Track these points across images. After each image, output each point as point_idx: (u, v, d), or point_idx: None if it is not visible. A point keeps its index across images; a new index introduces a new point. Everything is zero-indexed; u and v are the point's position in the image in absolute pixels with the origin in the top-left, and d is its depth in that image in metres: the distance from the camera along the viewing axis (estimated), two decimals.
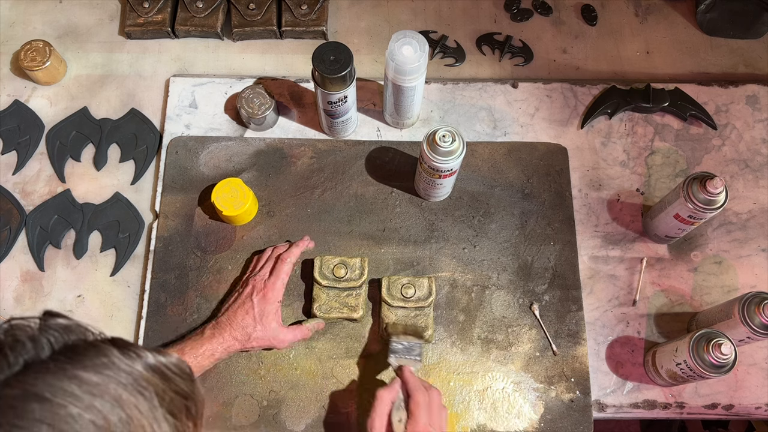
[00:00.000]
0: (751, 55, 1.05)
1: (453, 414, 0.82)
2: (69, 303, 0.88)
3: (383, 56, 1.04)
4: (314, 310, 0.83)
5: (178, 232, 0.90)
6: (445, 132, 0.78)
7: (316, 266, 0.84)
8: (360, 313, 0.83)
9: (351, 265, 0.84)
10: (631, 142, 0.97)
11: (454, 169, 0.82)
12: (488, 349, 0.85)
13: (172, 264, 0.88)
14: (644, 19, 1.07)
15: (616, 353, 0.86)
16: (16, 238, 0.91)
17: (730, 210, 0.93)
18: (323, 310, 0.83)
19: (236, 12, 1.02)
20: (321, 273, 0.84)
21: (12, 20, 1.05)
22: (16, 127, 0.97)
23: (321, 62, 0.80)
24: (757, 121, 0.99)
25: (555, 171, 0.94)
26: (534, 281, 0.88)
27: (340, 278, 0.83)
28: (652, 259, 0.91)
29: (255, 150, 0.94)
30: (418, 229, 0.91)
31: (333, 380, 0.83)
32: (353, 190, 0.92)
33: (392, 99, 0.89)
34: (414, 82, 0.84)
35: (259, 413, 0.81)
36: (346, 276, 0.84)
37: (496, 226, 0.91)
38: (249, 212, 0.89)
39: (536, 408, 0.82)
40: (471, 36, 1.05)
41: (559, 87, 1.00)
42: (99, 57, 1.03)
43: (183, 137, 0.95)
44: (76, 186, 0.94)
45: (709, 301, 0.89)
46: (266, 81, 1.00)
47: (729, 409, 0.84)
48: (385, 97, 0.91)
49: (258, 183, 0.92)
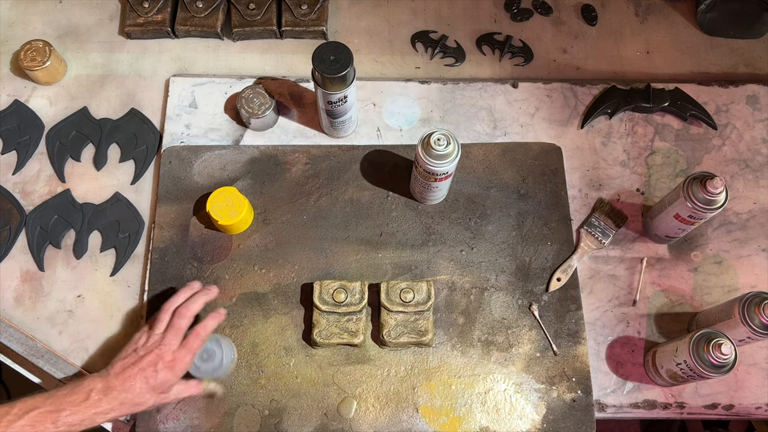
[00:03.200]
0: (751, 55, 1.05)
1: (456, 417, 0.82)
2: (69, 303, 0.88)
3: (383, 56, 1.04)
4: (314, 335, 0.82)
5: (174, 243, 0.89)
6: (440, 135, 0.77)
7: (316, 291, 0.83)
8: (361, 338, 0.82)
9: (351, 290, 0.83)
10: (631, 142, 0.97)
11: (450, 172, 0.82)
12: (489, 351, 0.85)
13: (168, 275, 0.88)
14: (644, 19, 1.07)
15: (616, 353, 0.86)
16: (16, 238, 0.91)
17: (730, 210, 0.93)
18: (323, 336, 0.82)
19: (236, 12, 1.02)
20: (321, 298, 0.83)
21: (12, 20, 1.05)
22: (16, 127, 0.96)
23: (321, 62, 0.80)
24: (757, 121, 0.99)
25: (550, 171, 0.94)
26: (532, 282, 0.88)
27: (340, 303, 0.83)
28: (652, 259, 0.91)
29: (249, 158, 0.94)
30: (415, 232, 0.90)
31: (334, 387, 0.83)
32: (349, 195, 0.92)
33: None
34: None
35: (260, 423, 0.81)
36: (346, 301, 0.83)
37: (493, 227, 0.91)
38: (245, 221, 0.88)
39: (538, 409, 0.82)
40: (471, 36, 1.05)
41: (559, 87, 1.00)
42: (99, 57, 1.03)
43: (176, 147, 0.94)
44: (76, 186, 0.94)
45: (709, 301, 0.89)
46: (266, 81, 1.00)
47: (729, 409, 0.84)
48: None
49: (253, 191, 0.92)
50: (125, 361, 0.74)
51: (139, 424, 0.81)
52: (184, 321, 0.76)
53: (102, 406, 0.70)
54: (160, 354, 0.73)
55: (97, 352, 0.86)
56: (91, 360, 0.85)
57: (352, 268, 0.88)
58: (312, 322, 0.83)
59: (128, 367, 0.73)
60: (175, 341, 0.75)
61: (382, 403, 0.82)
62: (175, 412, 0.81)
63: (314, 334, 0.82)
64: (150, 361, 0.73)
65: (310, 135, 0.97)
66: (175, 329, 0.76)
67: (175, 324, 0.76)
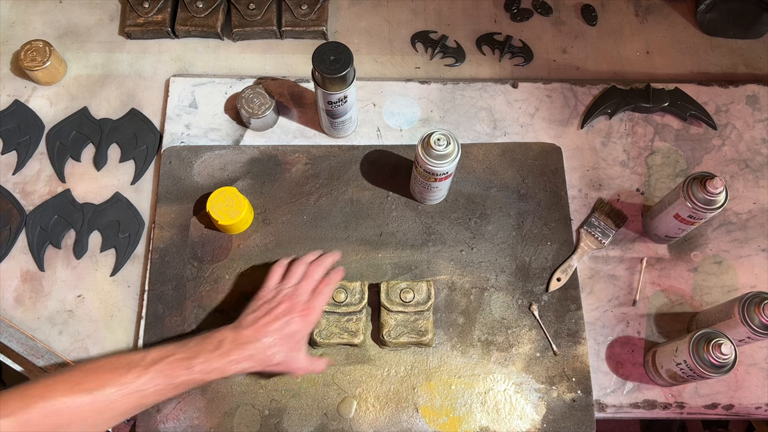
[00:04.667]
0: (751, 55, 1.05)
1: (456, 417, 0.82)
2: (69, 303, 0.88)
3: (383, 56, 1.04)
4: (314, 335, 0.82)
5: (174, 243, 0.89)
6: (439, 135, 0.77)
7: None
8: (361, 338, 0.82)
9: (351, 289, 0.83)
10: (631, 142, 0.97)
11: (450, 172, 0.82)
12: (489, 351, 0.85)
13: (168, 275, 0.87)
14: (644, 19, 1.07)
15: (616, 353, 0.86)
16: (16, 238, 0.91)
17: (730, 210, 0.94)
18: (323, 336, 0.82)
19: (236, 12, 1.02)
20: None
21: (12, 20, 1.05)
22: (16, 127, 0.96)
23: (321, 62, 0.80)
24: (757, 121, 0.99)
25: (550, 171, 0.94)
26: (532, 282, 0.88)
27: (340, 303, 0.83)
28: (652, 259, 0.91)
29: (249, 158, 0.94)
30: (414, 232, 0.90)
31: (334, 387, 0.83)
32: (349, 195, 0.92)
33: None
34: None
35: (260, 423, 0.81)
36: (346, 300, 0.83)
37: (493, 227, 0.91)
38: (245, 221, 0.88)
39: (538, 409, 0.82)
40: (471, 36, 1.05)
41: (559, 87, 1.00)
42: (99, 57, 1.03)
43: (176, 147, 0.94)
44: (76, 186, 0.94)
45: (709, 301, 0.89)
46: (266, 81, 1.00)
47: (729, 409, 0.84)
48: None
49: (253, 191, 0.92)
50: (257, 313, 0.73)
51: (139, 424, 0.81)
52: (320, 270, 0.78)
53: (232, 356, 0.69)
54: (293, 304, 0.73)
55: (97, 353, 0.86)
56: None
57: (352, 268, 0.88)
58: None
59: (261, 317, 0.72)
60: (308, 291, 0.75)
61: (382, 403, 0.82)
62: (175, 412, 0.81)
63: (314, 334, 0.82)
64: (284, 310, 0.72)
65: (310, 135, 0.97)
66: (309, 279, 0.77)
67: (309, 273, 0.77)
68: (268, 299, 0.76)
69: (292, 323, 0.73)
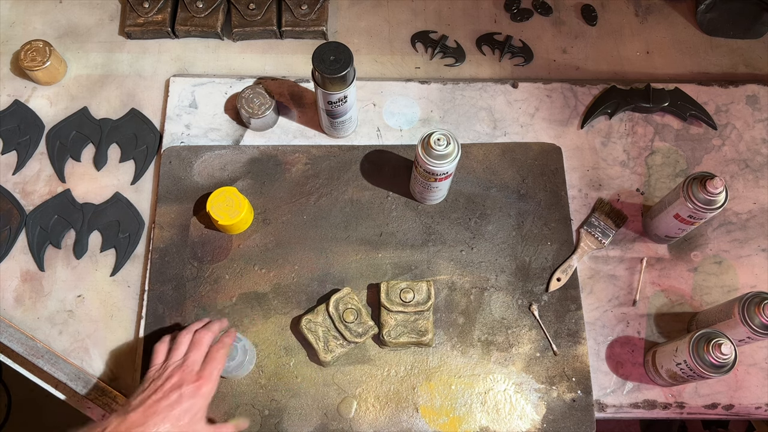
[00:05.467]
0: (751, 55, 1.05)
1: (456, 417, 0.82)
2: (69, 303, 0.88)
3: (383, 56, 1.04)
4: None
5: (174, 243, 0.89)
6: (439, 135, 0.77)
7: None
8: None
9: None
10: (631, 142, 0.97)
11: (450, 172, 0.82)
12: (489, 351, 0.85)
13: (168, 275, 0.88)
14: (644, 19, 1.07)
15: (616, 353, 0.86)
16: (16, 238, 0.91)
17: (730, 210, 0.94)
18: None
19: (236, 12, 1.02)
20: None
21: (12, 20, 1.05)
22: (16, 127, 0.96)
23: (321, 62, 0.80)
24: (757, 121, 0.99)
25: (550, 171, 0.94)
26: (532, 282, 0.88)
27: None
28: (652, 259, 0.91)
29: (249, 158, 0.94)
30: (414, 232, 0.90)
31: (334, 387, 0.83)
32: (349, 195, 0.92)
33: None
34: None
35: (261, 422, 0.81)
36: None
37: (493, 227, 0.91)
38: (245, 221, 0.88)
39: (538, 409, 0.82)
40: (471, 36, 1.05)
41: (559, 87, 1.00)
42: (99, 57, 1.03)
43: (176, 147, 0.94)
44: (76, 186, 0.94)
45: (709, 301, 0.89)
46: (266, 81, 1.00)
47: (729, 409, 0.84)
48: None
49: (253, 191, 0.92)
50: (144, 394, 0.65)
51: None
52: (208, 336, 0.71)
53: None
54: (183, 376, 0.66)
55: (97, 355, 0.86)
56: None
57: (352, 268, 0.88)
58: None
59: (148, 397, 0.64)
60: (198, 360, 0.68)
61: (382, 403, 0.82)
62: None
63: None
64: (173, 384, 0.65)
65: (310, 135, 0.97)
66: (199, 346, 0.70)
67: (197, 341, 0.70)
68: (155, 377, 0.68)
69: (184, 398, 0.65)
